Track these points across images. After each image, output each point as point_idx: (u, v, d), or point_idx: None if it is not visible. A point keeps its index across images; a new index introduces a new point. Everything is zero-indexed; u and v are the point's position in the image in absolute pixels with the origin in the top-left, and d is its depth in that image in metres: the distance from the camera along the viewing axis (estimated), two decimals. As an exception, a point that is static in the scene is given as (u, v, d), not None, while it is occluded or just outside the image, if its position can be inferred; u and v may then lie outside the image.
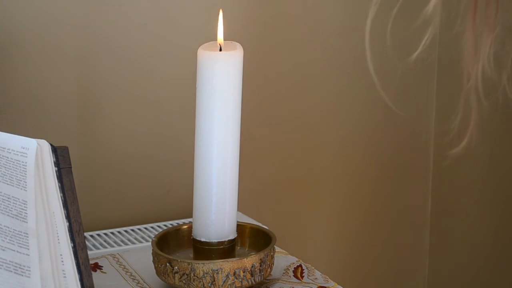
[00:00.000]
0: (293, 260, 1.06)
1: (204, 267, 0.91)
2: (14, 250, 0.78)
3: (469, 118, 0.63)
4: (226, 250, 0.96)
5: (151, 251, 0.97)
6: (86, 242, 0.89)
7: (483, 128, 0.63)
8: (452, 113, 0.65)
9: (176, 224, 1.17)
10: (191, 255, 0.99)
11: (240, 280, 0.92)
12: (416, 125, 1.49)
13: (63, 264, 0.80)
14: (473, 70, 0.61)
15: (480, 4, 0.60)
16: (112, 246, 1.12)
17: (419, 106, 1.49)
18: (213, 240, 0.96)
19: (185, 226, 1.03)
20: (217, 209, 0.96)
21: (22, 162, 0.82)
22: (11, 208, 0.80)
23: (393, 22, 0.65)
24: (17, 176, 0.81)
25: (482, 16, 0.60)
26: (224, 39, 0.97)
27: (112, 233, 1.18)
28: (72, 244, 0.81)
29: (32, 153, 0.82)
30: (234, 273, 0.92)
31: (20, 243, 0.78)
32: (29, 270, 0.77)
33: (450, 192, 1.51)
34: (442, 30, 0.62)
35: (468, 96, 0.62)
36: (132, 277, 1.01)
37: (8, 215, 0.79)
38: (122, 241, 1.15)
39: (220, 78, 0.93)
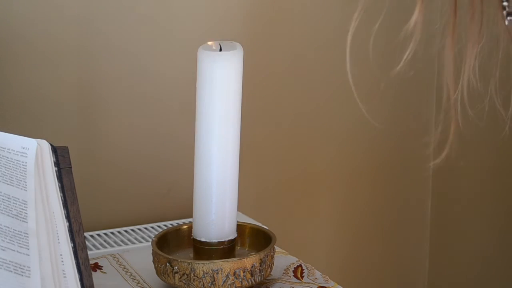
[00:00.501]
0: (293, 260, 1.06)
1: (204, 267, 0.91)
2: (14, 250, 0.78)
3: (450, 131, 0.64)
4: (226, 250, 0.96)
5: (151, 251, 0.97)
6: (86, 242, 0.89)
7: (468, 137, 0.64)
8: (433, 125, 0.67)
9: (176, 224, 1.17)
10: (191, 255, 0.99)
11: (240, 280, 0.92)
12: (416, 124, 1.49)
13: (63, 264, 0.80)
14: (458, 82, 0.62)
15: (462, 19, 0.62)
16: (112, 246, 1.12)
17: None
18: (213, 240, 0.96)
19: (185, 226, 1.03)
20: (217, 209, 0.96)
21: (22, 162, 0.82)
22: (11, 208, 0.80)
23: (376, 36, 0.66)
24: (17, 176, 0.81)
25: (467, 30, 0.62)
26: (224, 39, 0.97)
27: (112, 233, 1.18)
28: (72, 244, 0.81)
29: (32, 153, 0.82)
30: (234, 273, 0.92)
31: (20, 243, 0.78)
32: (29, 270, 0.77)
33: (450, 191, 1.51)
34: (423, 45, 0.63)
35: (449, 108, 0.63)
36: (132, 277, 1.01)
37: (8, 215, 0.79)
38: (122, 241, 1.15)
39: (220, 78, 0.93)
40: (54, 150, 0.84)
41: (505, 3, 0.61)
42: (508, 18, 0.61)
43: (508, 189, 1.40)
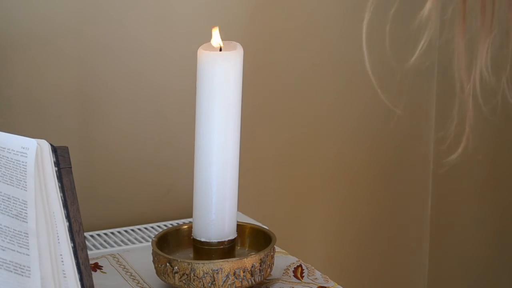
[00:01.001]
0: (293, 260, 1.06)
1: (204, 267, 0.91)
2: (14, 250, 0.78)
3: (465, 124, 0.63)
4: (226, 250, 0.96)
5: (151, 251, 0.97)
6: (86, 242, 0.89)
7: (482, 133, 0.63)
8: (448, 118, 0.65)
9: (176, 224, 1.17)
10: (191, 255, 0.99)
11: (240, 280, 0.92)
12: (415, 128, 1.49)
13: (63, 264, 0.80)
14: (470, 75, 0.61)
15: (473, 9, 0.60)
16: (112, 246, 1.12)
17: (418, 110, 1.49)
18: (213, 240, 0.96)
19: (185, 226, 1.03)
20: (217, 209, 0.96)
21: (22, 162, 0.82)
22: (11, 208, 0.80)
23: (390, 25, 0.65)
24: (17, 176, 0.81)
25: (478, 21, 0.60)
26: (224, 39, 0.97)
27: (112, 233, 1.18)
28: (72, 244, 0.81)
29: (32, 153, 0.82)
30: (234, 273, 0.92)
31: (20, 243, 0.78)
32: (29, 270, 0.77)
33: (450, 193, 1.51)
34: (437, 35, 0.62)
35: (462, 102, 0.62)
36: (132, 277, 1.01)
37: (8, 215, 0.79)
38: (122, 241, 1.15)
39: (220, 78, 0.93)
40: (54, 150, 0.84)
41: None
42: None
43: (509, 187, 1.40)
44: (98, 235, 1.17)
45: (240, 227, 1.01)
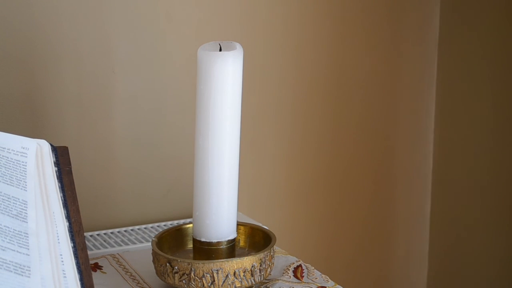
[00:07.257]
0: (293, 260, 1.06)
1: (204, 267, 0.91)
2: (14, 250, 0.78)
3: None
4: (226, 250, 0.96)
5: (151, 251, 0.97)
6: (86, 242, 0.89)
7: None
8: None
9: (176, 224, 1.17)
10: (191, 255, 0.99)
11: (240, 280, 0.92)
12: (416, 124, 1.49)
13: (63, 264, 0.80)
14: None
15: None
16: (112, 246, 1.12)
17: (420, 106, 1.49)
18: (213, 240, 0.96)
19: (185, 226, 1.03)
20: (217, 209, 0.96)
21: (22, 162, 0.82)
22: (11, 208, 0.80)
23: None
24: (17, 176, 0.81)
25: None
26: (224, 39, 0.97)
27: (112, 233, 1.18)
28: (72, 244, 0.81)
29: (32, 153, 0.82)
30: (234, 273, 0.92)
31: (20, 243, 0.78)
32: (29, 270, 0.77)
33: (450, 190, 1.51)
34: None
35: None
36: (132, 277, 1.01)
37: (8, 215, 0.79)
38: (122, 241, 1.15)
39: (220, 78, 0.93)
40: (54, 150, 0.84)
41: None
42: None
43: (509, 187, 1.40)
44: (98, 235, 1.17)
45: (240, 227, 1.01)
